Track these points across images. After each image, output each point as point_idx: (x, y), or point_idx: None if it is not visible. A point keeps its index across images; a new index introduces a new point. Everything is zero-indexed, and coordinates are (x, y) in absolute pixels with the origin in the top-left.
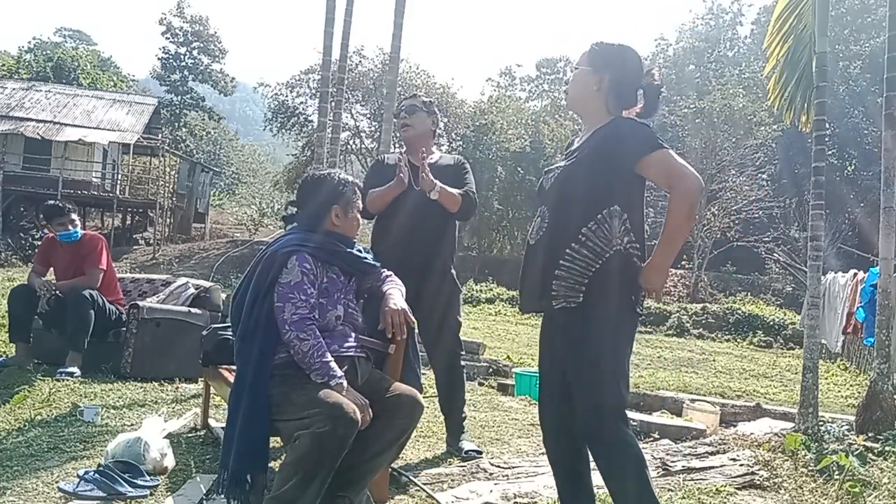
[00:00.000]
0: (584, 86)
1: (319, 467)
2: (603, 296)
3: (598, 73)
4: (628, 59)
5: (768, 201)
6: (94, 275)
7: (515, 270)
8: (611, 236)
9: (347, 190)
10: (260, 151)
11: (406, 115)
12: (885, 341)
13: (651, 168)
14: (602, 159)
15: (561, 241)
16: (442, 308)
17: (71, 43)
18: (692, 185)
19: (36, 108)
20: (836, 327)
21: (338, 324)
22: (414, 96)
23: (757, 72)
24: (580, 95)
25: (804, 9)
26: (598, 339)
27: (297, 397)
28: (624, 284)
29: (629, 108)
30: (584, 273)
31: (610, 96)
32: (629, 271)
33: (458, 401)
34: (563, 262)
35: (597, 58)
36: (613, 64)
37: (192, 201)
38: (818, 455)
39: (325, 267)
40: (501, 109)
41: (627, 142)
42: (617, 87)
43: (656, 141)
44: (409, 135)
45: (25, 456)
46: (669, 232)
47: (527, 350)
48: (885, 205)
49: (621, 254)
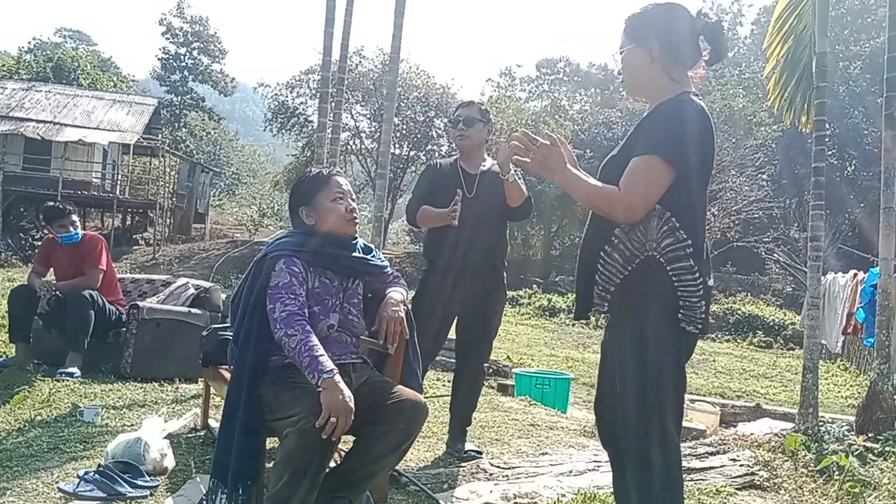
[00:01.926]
0: (637, 64)
1: (308, 463)
2: (630, 307)
3: (645, 44)
4: (671, 12)
5: (768, 202)
6: (94, 275)
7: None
8: (644, 239)
9: (304, 187)
10: (260, 152)
11: (464, 127)
12: (885, 342)
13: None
14: (633, 145)
15: (596, 244)
16: (491, 313)
17: (71, 43)
18: (621, 205)
19: (36, 109)
20: (836, 328)
21: (331, 332)
22: (471, 104)
23: (757, 72)
24: (636, 76)
25: (804, 9)
26: (632, 353)
27: (285, 396)
28: (657, 296)
29: (695, 63)
30: (610, 280)
31: (668, 62)
32: (666, 280)
33: (472, 406)
34: (599, 267)
35: (637, 29)
36: (657, 26)
37: (192, 202)
38: (818, 455)
39: (318, 272)
40: (501, 110)
41: (649, 130)
42: (672, 49)
43: (661, 145)
44: (466, 144)
45: (25, 456)
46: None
47: (527, 350)
48: (885, 205)
49: (656, 260)
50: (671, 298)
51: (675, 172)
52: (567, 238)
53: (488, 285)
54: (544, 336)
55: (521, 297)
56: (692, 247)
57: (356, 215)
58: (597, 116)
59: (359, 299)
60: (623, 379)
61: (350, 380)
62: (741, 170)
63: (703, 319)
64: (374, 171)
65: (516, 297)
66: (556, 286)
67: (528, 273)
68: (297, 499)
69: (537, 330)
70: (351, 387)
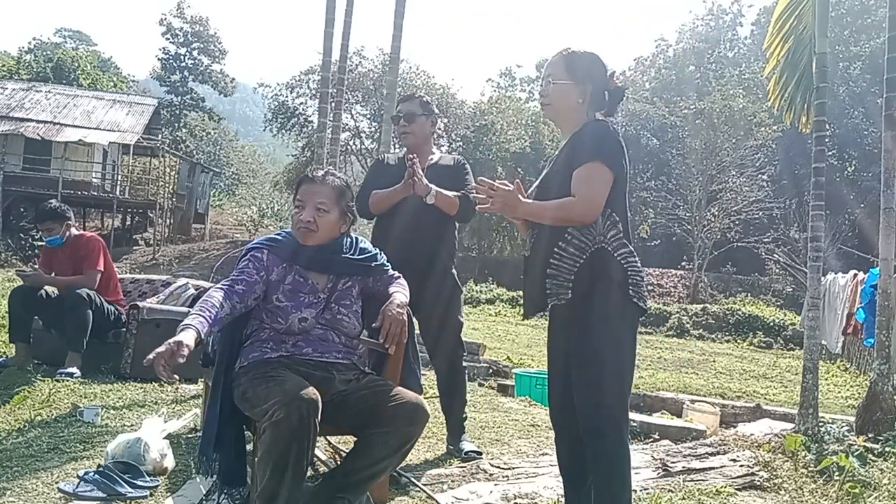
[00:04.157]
0: (569, 100)
1: (287, 455)
2: (591, 289)
3: (580, 84)
4: (600, 66)
5: (768, 202)
6: (92, 276)
7: (515, 271)
8: (595, 232)
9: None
10: (260, 152)
11: (406, 124)
12: (885, 342)
13: (576, 172)
14: (573, 161)
15: (549, 243)
16: (443, 308)
17: (71, 43)
18: (581, 211)
19: (36, 109)
20: (836, 328)
21: (303, 325)
22: (411, 98)
23: (757, 72)
24: (564, 109)
25: (804, 9)
26: (594, 332)
27: (260, 390)
28: (614, 277)
29: (600, 111)
30: (570, 269)
31: (591, 105)
32: (617, 264)
33: (460, 401)
34: (552, 261)
35: (576, 70)
36: (593, 74)
37: (192, 202)
38: (818, 456)
39: (294, 269)
40: (501, 110)
41: (587, 143)
42: (595, 94)
43: (603, 153)
44: (410, 142)
45: (25, 456)
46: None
47: (527, 351)
48: (885, 206)
49: (605, 249)
50: (623, 279)
51: (614, 174)
52: None
53: (441, 284)
54: (544, 336)
55: (521, 297)
56: (626, 236)
57: (310, 227)
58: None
59: (352, 300)
60: (590, 358)
61: (332, 378)
62: (741, 170)
63: (646, 294)
64: None
65: (516, 297)
66: None
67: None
68: (284, 492)
69: (537, 330)
70: (333, 386)
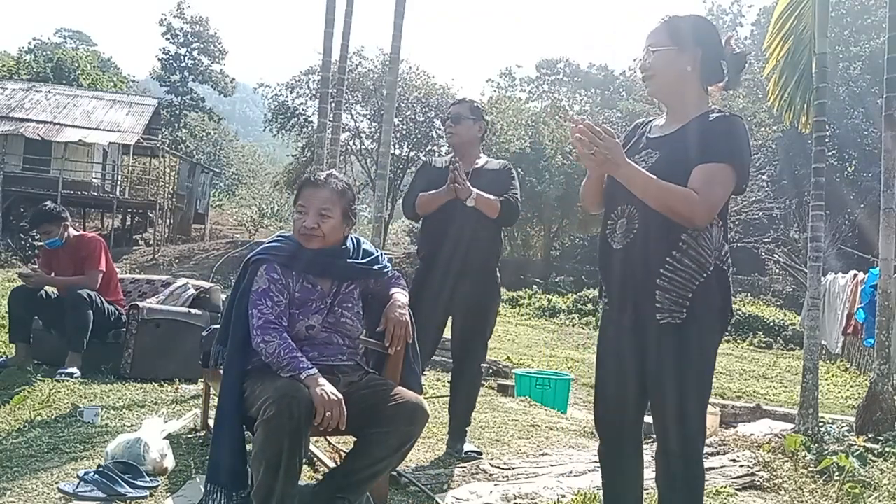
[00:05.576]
0: (675, 68)
1: (279, 453)
2: (706, 313)
3: (687, 51)
4: (711, 29)
5: (768, 202)
6: (93, 276)
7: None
8: (712, 246)
9: (296, 190)
10: (260, 152)
11: (452, 125)
12: (886, 342)
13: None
14: (696, 153)
15: (658, 248)
16: (484, 314)
17: (71, 44)
18: (700, 211)
19: (36, 109)
20: (836, 328)
21: (310, 332)
22: (462, 101)
23: (757, 72)
24: (671, 80)
25: (804, 10)
26: (695, 358)
27: (257, 389)
28: (725, 302)
29: (716, 83)
30: (686, 286)
31: (703, 76)
32: (725, 286)
33: (472, 406)
34: (665, 272)
35: (681, 34)
36: (702, 38)
37: (192, 202)
38: (818, 456)
39: (301, 277)
40: (501, 110)
41: (720, 140)
42: (707, 63)
43: (735, 157)
44: (454, 142)
45: (25, 457)
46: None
47: (527, 351)
48: (885, 206)
49: (723, 269)
50: (728, 304)
51: (736, 184)
52: (567, 239)
53: (483, 284)
54: (544, 336)
55: (521, 297)
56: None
57: (314, 233)
58: (597, 117)
59: (353, 302)
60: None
61: (338, 380)
62: None
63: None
64: (374, 171)
65: (516, 297)
66: (556, 287)
67: (528, 273)
68: (278, 490)
69: (537, 330)
70: (338, 388)
